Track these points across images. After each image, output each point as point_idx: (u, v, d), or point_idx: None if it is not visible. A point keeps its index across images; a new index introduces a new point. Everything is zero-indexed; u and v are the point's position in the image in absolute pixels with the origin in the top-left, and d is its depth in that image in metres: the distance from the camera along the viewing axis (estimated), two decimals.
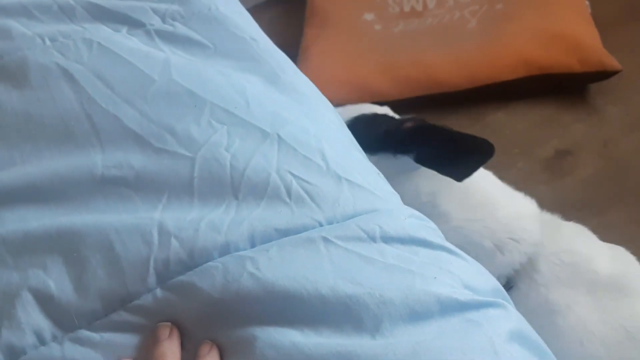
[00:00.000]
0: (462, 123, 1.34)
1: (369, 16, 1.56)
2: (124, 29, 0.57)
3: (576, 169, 1.19)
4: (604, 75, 1.27)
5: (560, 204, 1.15)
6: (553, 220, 0.72)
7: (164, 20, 0.58)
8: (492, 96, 1.34)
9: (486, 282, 0.42)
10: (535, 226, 0.67)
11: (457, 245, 0.52)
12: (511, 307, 0.41)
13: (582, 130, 1.23)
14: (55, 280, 0.39)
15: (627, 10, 1.42)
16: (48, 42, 0.55)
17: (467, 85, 1.35)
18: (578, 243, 0.66)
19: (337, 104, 1.59)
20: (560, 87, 1.29)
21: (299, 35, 1.61)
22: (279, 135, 0.46)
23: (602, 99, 1.27)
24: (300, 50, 1.56)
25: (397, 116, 0.85)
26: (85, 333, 0.37)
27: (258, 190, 0.42)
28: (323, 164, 0.45)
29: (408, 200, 0.47)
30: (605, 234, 1.12)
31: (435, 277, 0.38)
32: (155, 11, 0.58)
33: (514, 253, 0.65)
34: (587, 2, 1.39)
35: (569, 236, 0.67)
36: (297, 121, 0.48)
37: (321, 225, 0.41)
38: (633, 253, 1.10)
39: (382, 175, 0.50)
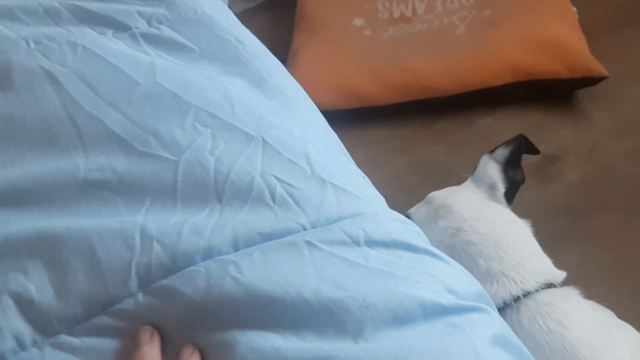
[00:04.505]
0: (450, 128, 1.34)
1: (358, 21, 1.57)
2: (110, 32, 0.57)
3: (563, 175, 1.20)
4: (591, 81, 1.28)
5: (547, 209, 1.16)
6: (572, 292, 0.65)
7: (149, 24, 0.57)
8: (481, 102, 1.35)
9: (470, 287, 0.42)
10: (536, 282, 0.61)
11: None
12: (494, 312, 0.41)
13: (569, 136, 1.24)
14: (36, 284, 0.38)
15: (614, 17, 1.43)
16: (32, 45, 0.54)
17: (456, 91, 1.36)
18: (573, 321, 0.59)
19: (325, 108, 1.60)
20: (548, 93, 1.30)
21: (289, 40, 1.61)
22: (263, 139, 0.46)
23: (589, 104, 1.28)
24: (290, 55, 1.57)
25: None
26: (65, 338, 0.37)
27: (242, 194, 0.42)
28: (308, 168, 0.45)
29: None
30: (592, 240, 1.12)
31: (418, 281, 0.38)
32: (141, 14, 0.58)
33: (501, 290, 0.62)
34: (574, 9, 1.40)
35: (568, 310, 0.61)
36: (282, 124, 0.48)
37: (305, 229, 0.41)
38: (620, 258, 1.10)
39: (367, 179, 0.50)
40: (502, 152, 0.81)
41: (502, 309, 0.59)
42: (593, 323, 0.60)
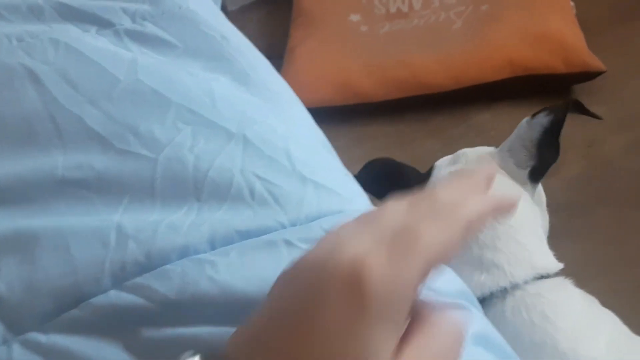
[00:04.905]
0: (447, 124, 1.34)
1: (355, 17, 1.56)
2: (93, 29, 0.56)
3: (561, 170, 1.19)
4: (588, 76, 1.27)
5: (546, 204, 1.15)
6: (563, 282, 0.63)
7: (133, 20, 0.57)
8: (478, 97, 1.34)
9: (451, 285, 0.41)
10: (527, 275, 0.59)
11: None
12: (476, 310, 0.40)
13: (567, 131, 1.22)
14: (7, 282, 0.38)
15: (611, 11, 1.42)
16: (15, 42, 0.54)
17: (453, 86, 1.35)
18: (558, 313, 0.58)
19: (322, 104, 1.60)
20: (545, 88, 1.29)
21: (286, 36, 1.61)
22: (244, 136, 0.45)
23: (586, 99, 1.26)
24: (287, 51, 1.56)
25: None
26: (34, 335, 0.36)
27: (221, 192, 0.42)
28: (288, 165, 0.44)
29: None
30: (591, 235, 1.12)
31: None
32: (125, 11, 0.58)
33: (489, 279, 0.60)
34: (572, 4, 1.39)
35: (555, 301, 0.59)
36: (264, 121, 0.47)
37: (284, 227, 0.40)
38: (618, 254, 1.10)
39: (350, 176, 0.49)
40: (541, 121, 0.70)
41: (489, 297, 0.59)
42: (578, 313, 0.59)
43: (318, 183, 0.44)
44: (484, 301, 0.58)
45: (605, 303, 0.69)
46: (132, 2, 0.59)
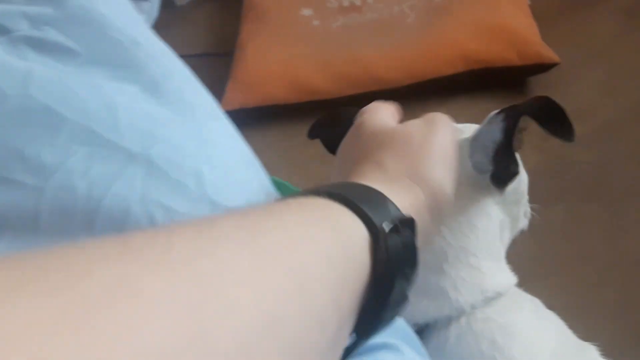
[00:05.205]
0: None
1: (307, 11, 1.51)
2: None
3: None
4: (542, 67, 1.25)
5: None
6: (516, 294, 0.59)
7: (33, 25, 0.51)
8: (433, 92, 1.31)
9: None
10: (474, 300, 0.54)
11: None
12: (407, 348, 0.36)
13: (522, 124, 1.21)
14: None
15: (565, 2, 1.40)
16: None
17: (407, 82, 1.32)
18: (508, 338, 0.53)
19: (275, 102, 1.54)
20: (500, 81, 1.27)
21: (236, 32, 1.55)
22: (148, 157, 0.40)
23: (541, 91, 1.25)
24: (237, 47, 1.51)
25: None
26: None
27: (116, 224, 0.37)
28: (197, 189, 0.39)
29: None
30: (545, 231, 1.10)
31: None
32: (25, 15, 0.52)
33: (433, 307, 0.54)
34: None
35: (506, 325, 0.54)
36: (172, 138, 0.42)
37: None
38: (573, 250, 1.08)
39: (274, 196, 0.45)
40: (497, 126, 0.56)
41: (433, 324, 0.54)
42: (525, 329, 0.55)
43: (230, 208, 0.39)
44: (427, 328, 0.54)
45: (556, 302, 0.66)
46: (34, 4, 0.53)
